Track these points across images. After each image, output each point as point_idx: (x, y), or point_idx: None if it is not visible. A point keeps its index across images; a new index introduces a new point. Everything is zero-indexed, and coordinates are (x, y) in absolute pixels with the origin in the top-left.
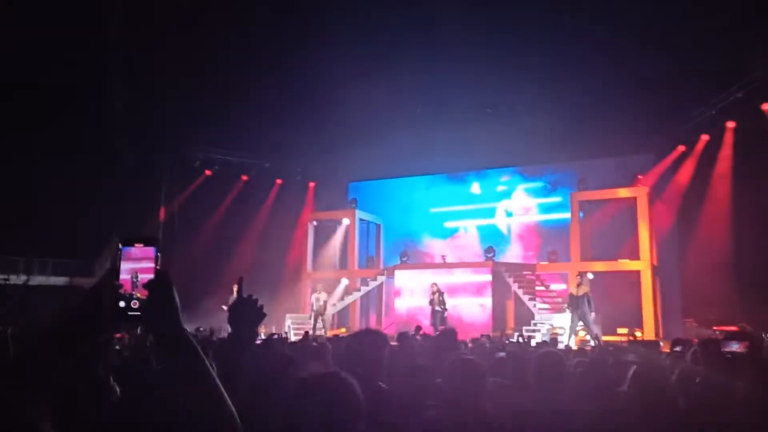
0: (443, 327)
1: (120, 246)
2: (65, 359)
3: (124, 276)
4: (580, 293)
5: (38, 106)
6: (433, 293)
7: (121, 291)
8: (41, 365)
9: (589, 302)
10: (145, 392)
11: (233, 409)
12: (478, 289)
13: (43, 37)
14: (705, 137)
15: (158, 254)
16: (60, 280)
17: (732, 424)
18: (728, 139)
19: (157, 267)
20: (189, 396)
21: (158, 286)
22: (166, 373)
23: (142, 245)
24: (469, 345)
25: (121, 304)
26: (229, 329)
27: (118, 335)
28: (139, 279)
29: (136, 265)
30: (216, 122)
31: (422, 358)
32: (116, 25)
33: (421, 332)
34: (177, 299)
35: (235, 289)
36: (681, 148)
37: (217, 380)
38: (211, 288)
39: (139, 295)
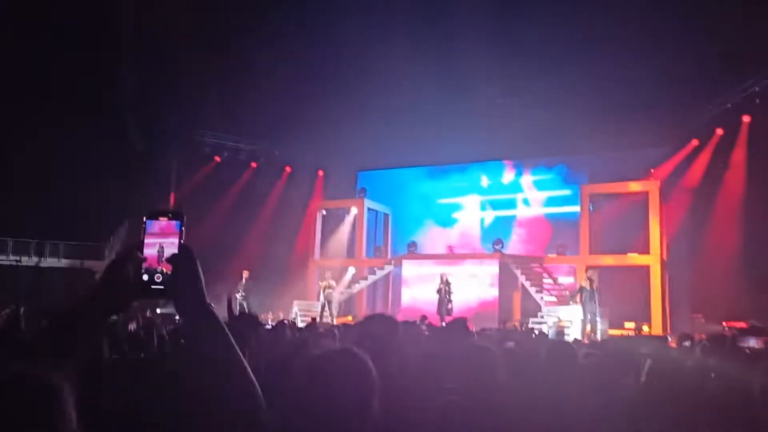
0: (449, 317)
1: (145, 219)
2: (85, 336)
3: (149, 249)
4: (590, 286)
5: (51, 93)
6: (441, 283)
7: (145, 264)
8: (59, 341)
9: (596, 293)
10: (170, 364)
11: (256, 384)
12: (485, 281)
13: (55, 22)
14: (719, 131)
15: (182, 229)
16: (71, 263)
17: (750, 417)
18: (743, 133)
19: (182, 241)
20: (215, 370)
21: (183, 260)
22: (192, 347)
23: (166, 219)
24: (475, 336)
25: (145, 277)
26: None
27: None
28: (164, 252)
29: (161, 240)
30: (227, 109)
31: (429, 346)
32: (128, 10)
33: (426, 322)
34: (201, 274)
35: (245, 275)
36: (695, 141)
37: (242, 355)
38: (220, 274)
39: (163, 269)
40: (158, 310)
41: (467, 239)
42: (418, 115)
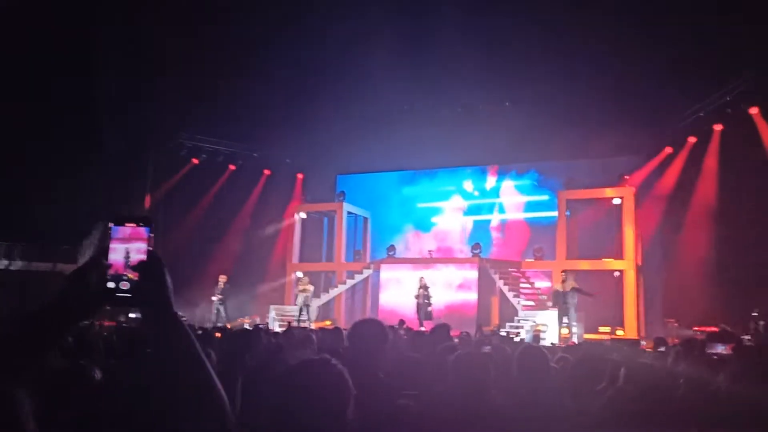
0: (429, 321)
1: (111, 224)
2: (45, 346)
3: (115, 256)
4: (566, 289)
5: (24, 92)
6: (420, 287)
7: (111, 271)
8: (22, 350)
9: (573, 296)
10: (133, 374)
11: (224, 394)
12: (464, 285)
13: (28, 23)
14: (692, 140)
15: (151, 235)
16: (43, 266)
17: (717, 424)
18: (715, 142)
19: (150, 248)
20: (180, 380)
21: (150, 267)
22: (157, 357)
23: (134, 225)
24: (455, 340)
25: (110, 285)
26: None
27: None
28: (130, 259)
29: (127, 246)
30: (204, 110)
31: (409, 351)
32: (105, 12)
33: (404, 326)
34: (169, 282)
35: (222, 280)
36: (668, 149)
37: (209, 365)
38: (196, 277)
39: (129, 276)
40: (131, 315)
41: (446, 243)
42: (397, 119)
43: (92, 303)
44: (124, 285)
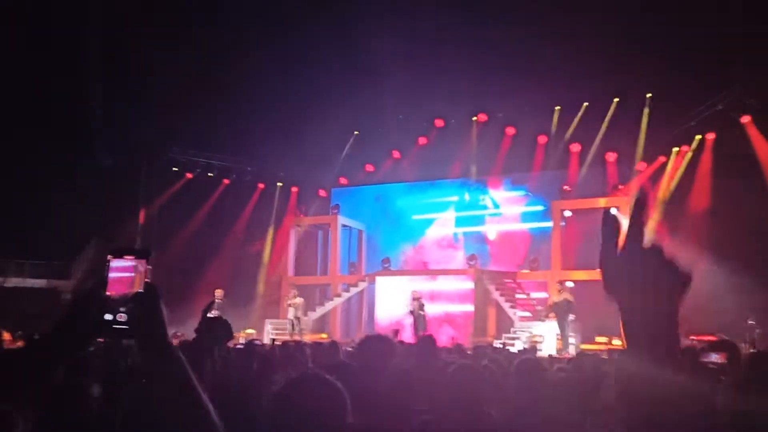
0: (423, 333)
1: (109, 257)
2: (47, 371)
3: (113, 288)
4: (559, 300)
5: (16, 109)
6: (414, 300)
7: (108, 303)
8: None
9: (569, 309)
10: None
11: (219, 424)
12: (459, 297)
13: (20, 36)
14: (685, 148)
15: (149, 267)
16: (37, 282)
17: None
18: (708, 150)
19: (147, 280)
20: (175, 411)
21: (147, 299)
22: (153, 388)
23: (132, 257)
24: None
25: (107, 316)
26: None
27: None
28: (127, 292)
29: (125, 277)
30: (198, 125)
31: (404, 363)
32: (97, 26)
33: (398, 338)
34: (165, 313)
35: (218, 294)
36: (661, 158)
37: (204, 395)
38: (191, 292)
39: (126, 308)
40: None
41: (442, 255)
42: (393, 132)
43: (89, 334)
44: (121, 317)
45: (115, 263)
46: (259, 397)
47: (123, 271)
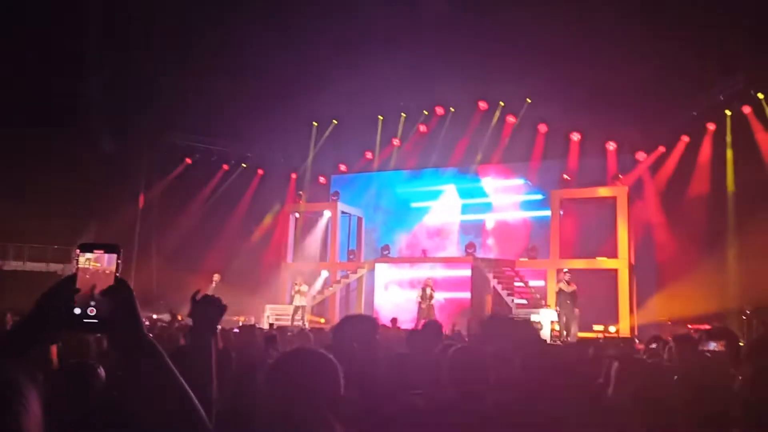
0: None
1: (78, 251)
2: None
3: (82, 282)
4: (569, 290)
5: (17, 93)
6: (425, 287)
7: (78, 297)
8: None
9: (573, 299)
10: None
11: (202, 411)
12: (457, 284)
13: (20, 24)
14: (686, 138)
15: (119, 261)
16: (36, 266)
17: (712, 422)
18: (708, 141)
19: (117, 274)
20: (156, 401)
21: (118, 293)
22: (131, 380)
23: (102, 252)
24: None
25: (77, 310)
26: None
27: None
28: (97, 286)
29: (95, 272)
30: (198, 110)
31: (400, 348)
32: (96, 12)
33: (395, 325)
34: (138, 307)
35: (215, 278)
36: (661, 148)
37: (184, 384)
38: (190, 277)
39: (97, 302)
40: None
41: (441, 243)
42: (392, 119)
43: (59, 328)
44: (92, 311)
45: (83, 257)
46: (258, 372)
47: (92, 265)
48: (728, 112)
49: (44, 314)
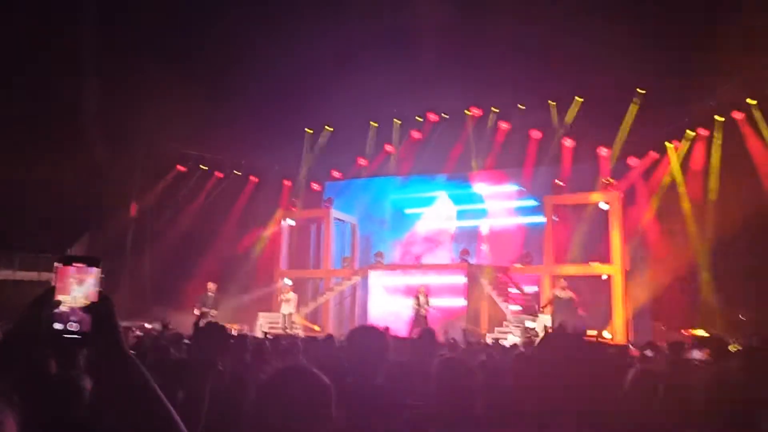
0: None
1: (58, 264)
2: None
3: (63, 297)
4: (563, 296)
5: (9, 99)
6: (420, 294)
7: (58, 312)
8: None
9: (569, 306)
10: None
11: (183, 428)
12: (452, 291)
13: (16, 31)
14: (678, 144)
15: (102, 276)
16: (28, 275)
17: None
18: (701, 146)
19: (99, 289)
20: (135, 417)
21: (100, 308)
22: (112, 397)
23: (83, 265)
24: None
25: (58, 326)
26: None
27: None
28: (78, 300)
29: (76, 286)
30: (191, 118)
31: (396, 356)
32: (91, 21)
33: (389, 333)
34: (119, 323)
35: (211, 287)
36: (653, 154)
37: (165, 400)
38: (183, 285)
39: (78, 317)
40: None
41: (435, 249)
42: (385, 125)
43: (40, 345)
44: (72, 326)
45: (64, 271)
46: (248, 388)
47: (73, 280)
48: (720, 119)
49: (24, 330)
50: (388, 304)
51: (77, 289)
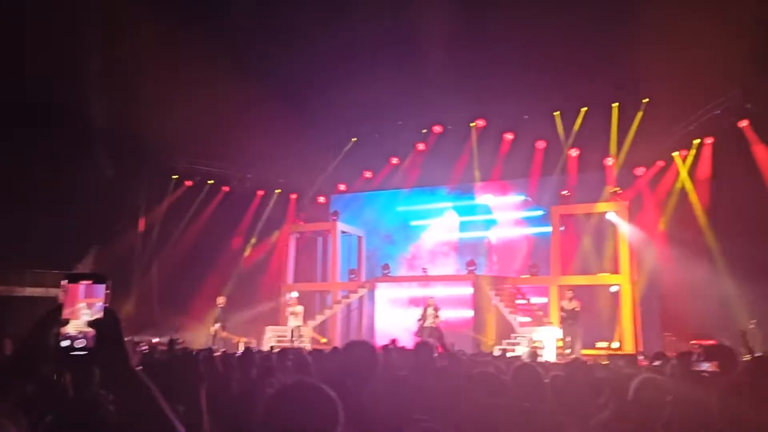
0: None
1: (65, 282)
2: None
3: (70, 314)
4: (570, 307)
5: (15, 117)
6: (427, 307)
7: (65, 330)
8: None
9: (576, 317)
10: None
11: None
12: (459, 302)
13: (21, 46)
14: (684, 153)
15: (107, 292)
16: (37, 291)
17: None
18: (706, 154)
19: (106, 305)
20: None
21: (107, 325)
22: (119, 413)
23: (89, 282)
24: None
25: (65, 343)
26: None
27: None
28: (85, 318)
29: (83, 303)
30: (197, 133)
31: (401, 371)
32: (97, 35)
33: (395, 345)
34: (125, 338)
35: (220, 301)
36: (660, 163)
37: (171, 414)
38: (191, 299)
39: (85, 334)
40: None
41: (441, 261)
42: (391, 138)
43: (47, 361)
44: (80, 343)
45: (71, 289)
46: (256, 403)
47: (80, 297)
48: (724, 127)
49: (32, 348)
50: (395, 317)
51: (87, 313)
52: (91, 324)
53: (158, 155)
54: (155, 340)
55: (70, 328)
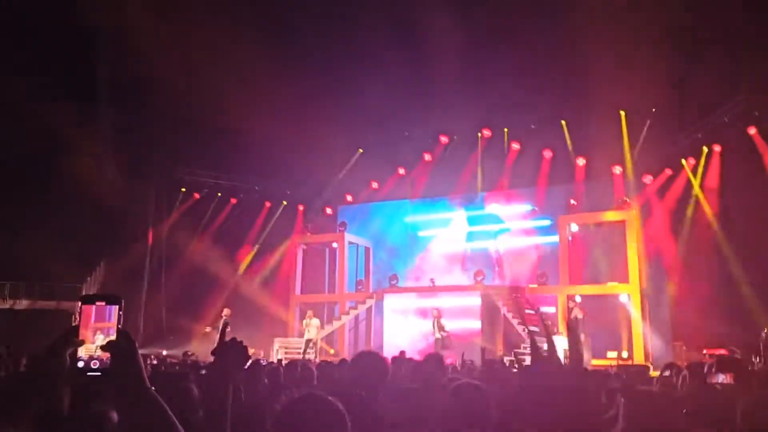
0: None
1: (80, 304)
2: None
3: (85, 335)
4: (572, 315)
5: (25, 129)
6: (433, 319)
7: (80, 352)
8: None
9: (581, 326)
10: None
11: None
12: (467, 313)
13: (34, 58)
14: (692, 161)
15: (120, 313)
16: (47, 304)
17: None
18: (715, 162)
19: (119, 326)
20: None
21: (121, 346)
22: (132, 428)
23: (103, 303)
24: (458, 368)
25: (80, 363)
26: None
27: None
28: (100, 339)
29: (97, 324)
30: (205, 145)
31: (410, 382)
32: (107, 49)
33: (404, 357)
34: (140, 358)
35: (224, 313)
36: (668, 171)
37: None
38: (200, 310)
39: (100, 355)
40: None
41: (449, 271)
42: (397, 148)
43: (63, 382)
44: (95, 364)
45: (85, 310)
46: (265, 417)
47: (94, 318)
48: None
49: (47, 368)
50: (403, 327)
51: (101, 338)
52: (104, 347)
53: (167, 167)
54: (165, 352)
55: (83, 351)
